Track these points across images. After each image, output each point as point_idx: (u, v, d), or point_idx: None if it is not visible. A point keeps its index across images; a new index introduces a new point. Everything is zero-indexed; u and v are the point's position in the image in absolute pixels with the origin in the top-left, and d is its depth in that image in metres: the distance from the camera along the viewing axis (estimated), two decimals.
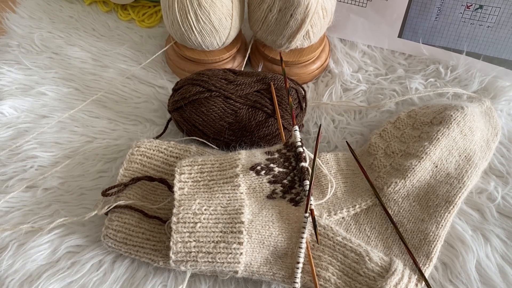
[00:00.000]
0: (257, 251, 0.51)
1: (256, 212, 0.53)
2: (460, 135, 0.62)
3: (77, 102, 0.73)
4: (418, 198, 0.59)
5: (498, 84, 0.73)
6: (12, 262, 0.55)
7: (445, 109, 0.64)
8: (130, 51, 0.81)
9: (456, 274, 0.56)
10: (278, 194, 0.55)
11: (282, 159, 0.57)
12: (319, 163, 0.60)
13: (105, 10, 0.88)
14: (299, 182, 0.56)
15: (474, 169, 0.61)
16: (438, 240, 0.56)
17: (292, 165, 0.57)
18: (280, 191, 0.56)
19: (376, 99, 0.74)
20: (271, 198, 0.55)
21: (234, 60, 0.76)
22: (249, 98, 0.63)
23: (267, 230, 0.52)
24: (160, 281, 0.55)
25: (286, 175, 0.56)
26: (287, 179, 0.56)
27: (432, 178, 0.60)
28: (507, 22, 0.70)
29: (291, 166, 0.57)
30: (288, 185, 0.56)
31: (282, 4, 0.64)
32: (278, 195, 0.55)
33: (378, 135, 0.66)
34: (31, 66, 0.77)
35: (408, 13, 0.75)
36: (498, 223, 0.60)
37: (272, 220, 0.53)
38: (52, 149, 0.67)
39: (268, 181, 0.55)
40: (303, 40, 0.69)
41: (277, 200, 0.55)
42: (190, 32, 0.67)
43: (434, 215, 0.57)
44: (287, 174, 0.56)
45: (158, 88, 0.75)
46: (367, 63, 0.79)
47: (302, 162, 0.56)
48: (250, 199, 0.54)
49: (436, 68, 0.77)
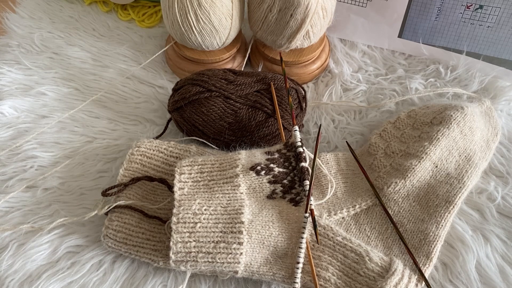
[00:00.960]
0: (257, 251, 0.51)
1: (256, 212, 0.53)
2: (460, 135, 0.62)
3: (77, 102, 0.73)
4: (418, 198, 0.59)
5: (498, 84, 0.73)
6: (12, 262, 0.55)
7: (445, 109, 0.64)
8: (130, 51, 0.81)
9: (456, 274, 0.56)
10: (278, 194, 0.55)
11: (282, 159, 0.57)
12: (319, 163, 0.60)
13: (105, 10, 0.88)
14: (299, 182, 0.56)
15: (474, 169, 0.61)
16: (438, 240, 0.56)
17: (292, 165, 0.57)
18: (280, 191, 0.56)
19: (376, 99, 0.74)
20: (271, 198, 0.55)
21: (234, 60, 0.76)
22: (249, 98, 0.63)
23: (267, 230, 0.52)
24: (160, 281, 0.55)
25: (286, 175, 0.56)
26: (287, 179, 0.56)
27: (432, 178, 0.60)
28: (507, 22, 0.70)
29: (291, 166, 0.57)
30: (288, 185, 0.56)
31: (282, 4, 0.64)
32: (278, 195, 0.55)
33: (378, 135, 0.66)
34: (31, 66, 0.77)
35: (408, 13, 0.75)
36: (498, 223, 0.60)
37: (272, 220, 0.53)
38: (52, 149, 0.67)
39: (268, 181, 0.55)
40: (303, 40, 0.69)
41: (277, 200, 0.55)
42: (190, 32, 0.67)
43: (434, 215, 0.57)
44: (287, 174, 0.56)
45: (158, 88, 0.75)
46: (367, 63, 0.79)
47: (302, 162, 0.56)
48: (250, 199, 0.54)
49: (436, 68, 0.77)
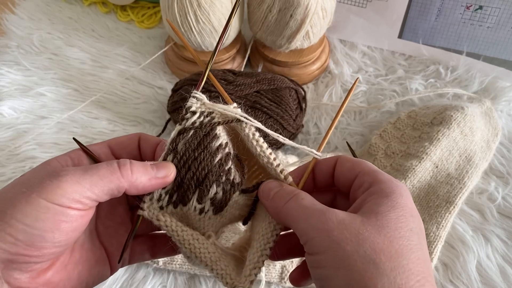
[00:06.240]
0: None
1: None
2: (461, 136, 0.61)
3: (76, 103, 0.72)
4: (419, 199, 0.59)
5: (498, 84, 0.73)
6: None
7: (445, 110, 0.64)
8: (130, 52, 0.81)
9: (456, 275, 0.56)
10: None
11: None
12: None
13: (104, 11, 0.88)
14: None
15: (474, 169, 0.60)
16: (438, 241, 0.56)
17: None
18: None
19: (376, 99, 0.74)
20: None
21: (234, 60, 0.76)
22: (248, 98, 0.63)
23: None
24: (160, 282, 0.55)
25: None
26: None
27: (433, 179, 0.59)
28: (507, 23, 0.70)
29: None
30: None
31: (282, 5, 0.64)
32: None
33: (379, 136, 0.66)
34: (30, 67, 0.77)
35: (408, 14, 0.75)
36: (498, 223, 0.60)
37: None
38: (51, 150, 0.67)
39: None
40: (303, 40, 0.69)
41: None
42: (189, 33, 0.67)
43: (434, 216, 0.57)
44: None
45: (158, 88, 0.75)
46: (367, 64, 0.79)
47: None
48: None
49: (436, 69, 0.77)
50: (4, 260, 0.28)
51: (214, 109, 0.36)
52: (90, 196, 0.30)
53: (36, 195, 0.29)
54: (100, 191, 0.31)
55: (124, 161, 0.32)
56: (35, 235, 0.28)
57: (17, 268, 0.29)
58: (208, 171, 0.34)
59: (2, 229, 0.28)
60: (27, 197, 0.29)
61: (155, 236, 0.40)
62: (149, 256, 0.39)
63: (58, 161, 0.33)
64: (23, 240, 0.28)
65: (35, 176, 0.30)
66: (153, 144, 0.37)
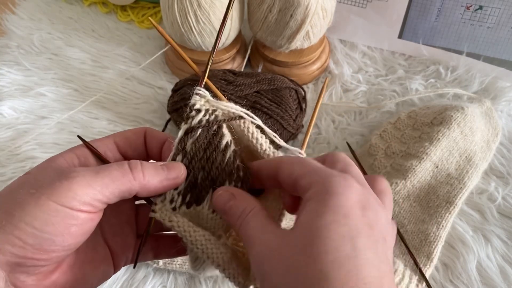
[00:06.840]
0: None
1: None
2: (461, 136, 0.61)
3: (77, 103, 0.72)
4: (419, 199, 0.59)
5: (498, 84, 0.73)
6: None
7: (446, 110, 0.64)
8: (130, 52, 0.81)
9: (457, 275, 0.56)
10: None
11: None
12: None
13: (104, 11, 0.88)
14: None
15: (474, 169, 0.60)
16: (438, 241, 0.56)
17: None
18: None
19: (376, 99, 0.74)
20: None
21: (234, 61, 0.76)
22: (248, 98, 0.63)
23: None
24: (160, 282, 0.55)
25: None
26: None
27: (433, 179, 0.59)
28: (507, 23, 0.70)
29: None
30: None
31: (282, 5, 0.64)
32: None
33: (379, 136, 0.66)
34: (30, 67, 0.77)
35: (408, 14, 0.75)
36: (498, 223, 0.60)
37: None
38: (51, 150, 0.67)
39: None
40: (303, 40, 0.69)
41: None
42: (190, 33, 0.67)
43: (434, 216, 0.57)
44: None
45: (158, 89, 0.75)
46: (367, 64, 0.79)
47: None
48: None
49: (436, 69, 0.77)
50: (11, 263, 0.28)
51: (218, 106, 0.36)
52: (101, 198, 0.29)
53: (46, 197, 0.28)
54: (111, 194, 0.30)
55: (135, 163, 0.32)
56: (45, 239, 0.28)
57: (24, 271, 0.28)
58: (222, 170, 0.34)
59: (10, 232, 0.27)
60: (37, 199, 0.28)
61: (159, 236, 0.39)
62: (152, 256, 0.39)
63: (64, 159, 0.32)
64: (32, 244, 0.27)
65: (43, 176, 0.30)
66: (160, 140, 0.36)
